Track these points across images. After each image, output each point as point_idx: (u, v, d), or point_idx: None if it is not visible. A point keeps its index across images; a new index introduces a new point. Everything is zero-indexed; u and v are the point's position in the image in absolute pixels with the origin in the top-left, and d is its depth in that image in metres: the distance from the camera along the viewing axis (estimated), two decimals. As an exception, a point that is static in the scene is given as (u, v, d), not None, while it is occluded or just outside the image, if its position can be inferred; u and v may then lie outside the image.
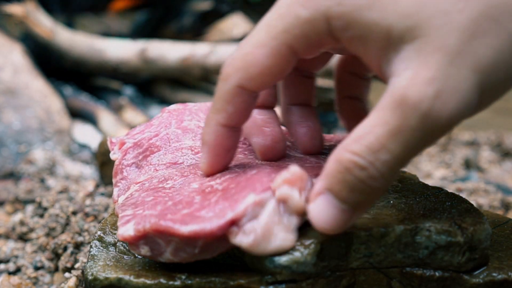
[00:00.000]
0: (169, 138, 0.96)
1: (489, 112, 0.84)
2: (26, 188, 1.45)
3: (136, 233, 0.73)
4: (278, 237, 0.72)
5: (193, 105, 1.05)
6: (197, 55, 1.84)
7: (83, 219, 1.16)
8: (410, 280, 0.77)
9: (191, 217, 0.72)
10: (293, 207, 0.73)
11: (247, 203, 0.71)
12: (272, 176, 0.77)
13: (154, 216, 0.74)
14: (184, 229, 0.70)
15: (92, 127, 1.91)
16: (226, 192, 0.76)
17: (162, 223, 0.72)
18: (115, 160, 0.95)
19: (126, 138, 0.97)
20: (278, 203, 0.72)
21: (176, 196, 0.80)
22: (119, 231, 0.75)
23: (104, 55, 1.97)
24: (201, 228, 0.69)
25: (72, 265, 1.07)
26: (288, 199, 0.72)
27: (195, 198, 0.78)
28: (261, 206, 0.72)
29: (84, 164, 1.70)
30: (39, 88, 1.84)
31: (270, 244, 0.72)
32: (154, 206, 0.78)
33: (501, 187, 1.49)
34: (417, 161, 1.83)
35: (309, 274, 0.75)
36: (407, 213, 0.81)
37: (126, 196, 0.86)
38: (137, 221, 0.74)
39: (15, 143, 1.70)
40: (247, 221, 0.70)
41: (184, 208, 0.75)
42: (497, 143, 2.01)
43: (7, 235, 1.25)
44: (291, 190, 0.73)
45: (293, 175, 0.74)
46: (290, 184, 0.73)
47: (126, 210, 0.80)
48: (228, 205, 0.72)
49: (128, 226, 0.74)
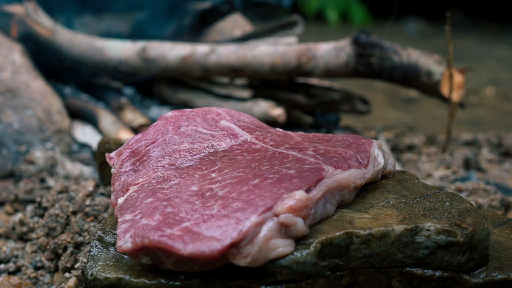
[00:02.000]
0: (167, 143, 0.96)
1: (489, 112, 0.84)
2: (26, 188, 1.45)
3: (134, 247, 0.74)
4: (278, 245, 0.73)
5: (190, 110, 1.05)
6: (197, 55, 1.84)
7: (83, 219, 1.16)
8: (410, 280, 0.77)
9: (191, 234, 0.73)
10: (296, 233, 0.74)
11: (248, 225, 0.71)
12: (274, 191, 0.78)
13: (152, 229, 0.74)
14: (183, 251, 0.71)
15: (92, 127, 1.91)
16: (227, 203, 0.77)
17: (161, 240, 0.72)
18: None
19: (123, 149, 0.98)
20: (280, 224, 0.73)
21: (175, 199, 0.80)
22: (118, 243, 0.75)
23: (104, 54, 1.96)
24: (201, 252, 0.70)
25: (72, 265, 1.07)
26: (292, 226, 0.74)
27: (195, 204, 0.78)
28: (261, 225, 0.73)
29: (84, 164, 1.70)
30: (39, 88, 1.85)
31: (270, 254, 0.73)
32: (152, 213, 0.78)
33: (501, 187, 1.49)
34: (417, 161, 1.83)
35: (309, 274, 0.76)
36: (407, 213, 0.81)
37: (125, 198, 0.87)
38: (135, 234, 0.75)
39: (15, 143, 1.70)
40: (246, 243, 0.71)
41: (183, 220, 0.75)
42: (496, 143, 2.01)
43: (7, 235, 1.25)
44: (296, 218, 0.74)
45: (297, 204, 0.74)
46: (295, 213, 0.74)
47: (124, 214, 0.80)
48: (228, 227, 0.72)
49: (126, 238, 0.75)
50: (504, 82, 3.91)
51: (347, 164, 0.88)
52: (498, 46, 5.31)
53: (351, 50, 1.71)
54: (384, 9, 2.43)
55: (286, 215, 0.73)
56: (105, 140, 1.31)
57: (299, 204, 0.74)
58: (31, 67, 1.91)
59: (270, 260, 0.73)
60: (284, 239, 0.73)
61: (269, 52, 1.79)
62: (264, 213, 0.73)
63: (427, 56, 1.75)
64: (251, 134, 0.98)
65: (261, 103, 1.79)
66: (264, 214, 0.73)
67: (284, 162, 0.88)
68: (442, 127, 2.12)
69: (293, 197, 0.75)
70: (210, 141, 0.96)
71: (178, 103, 2.02)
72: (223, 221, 0.73)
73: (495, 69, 4.31)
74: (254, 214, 0.73)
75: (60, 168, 1.62)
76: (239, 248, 0.71)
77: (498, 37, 5.83)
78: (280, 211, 0.73)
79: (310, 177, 0.82)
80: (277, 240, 0.73)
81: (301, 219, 0.74)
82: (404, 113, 3.04)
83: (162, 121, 1.01)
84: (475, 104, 3.17)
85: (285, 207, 0.73)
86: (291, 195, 0.75)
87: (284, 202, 0.74)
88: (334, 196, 0.83)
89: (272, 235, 0.72)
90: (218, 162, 0.90)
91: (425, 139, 2.07)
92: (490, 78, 3.94)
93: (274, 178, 0.81)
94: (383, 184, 0.92)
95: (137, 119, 1.89)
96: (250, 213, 0.73)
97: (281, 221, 0.73)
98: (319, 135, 1.02)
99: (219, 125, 1.00)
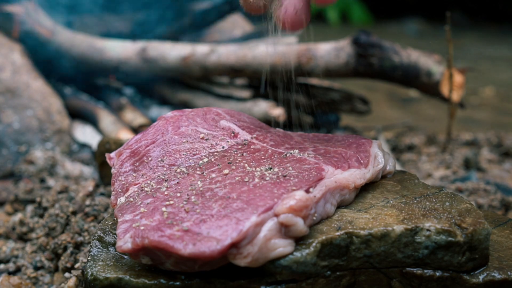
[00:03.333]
0: (167, 143, 0.96)
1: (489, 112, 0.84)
2: (26, 188, 1.45)
3: (134, 247, 0.74)
4: (279, 245, 0.73)
5: (190, 111, 1.05)
6: (197, 55, 1.84)
7: (83, 219, 1.16)
8: (410, 280, 0.77)
9: (191, 234, 0.73)
10: (296, 234, 0.74)
11: (248, 226, 0.71)
12: (274, 191, 0.78)
13: (152, 229, 0.74)
14: (183, 251, 0.71)
15: (92, 127, 1.91)
16: (227, 203, 0.77)
17: (161, 240, 0.72)
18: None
19: (123, 149, 0.98)
20: (280, 224, 0.73)
21: (175, 199, 0.80)
22: (118, 243, 0.76)
23: (104, 54, 1.96)
24: (201, 252, 0.70)
25: (72, 265, 1.07)
26: (292, 226, 0.74)
27: (195, 204, 0.78)
28: (261, 225, 0.73)
29: (84, 164, 1.70)
30: (39, 88, 1.84)
31: (270, 254, 0.73)
32: (152, 213, 0.78)
33: (501, 187, 1.49)
34: (417, 161, 1.83)
35: (309, 274, 0.75)
36: (407, 213, 0.81)
37: (125, 198, 0.86)
38: (135, 234, 0.75)
39: (15, 143, 1.70)
40: (246, 243, 0.71)
41: (183, 220, 0.75)
42: (497, 143, 2.01)
43: (7, 235, 1.24)
44: (296, 218, 0.74)
45: (297, 204, 0.74)
46: (295, 213, 0.74)
47: (124, 214, 0.80)
48: (228, 227, 0.72)
49: (126, 239, 0.75)
50: (504, 82, 3.91)
51: (347, 164, 0.88)
52: (498, 46, 5.31)
53: (351, 50, 1.71)
54: (384, 8, 2.42)
55: (286, 215, 0.73)
56: (105, 140, 1.31)
57: (299, 204, 0.74)
58: (31, 67, 1.91)
59: (270, 260, 0.73)
60: (284, 239, 0.73)
61: (269, 52, 1.79)
62: (264, 213, 0.73)
63: (427, 56, 1.75)
64: (251, 134, 0.98)
65: (261, 103, 1.79)
66: (264, 214, 0.73)
67: (284, 162, 0.88)
68: (442, 127, 2.12)
69: (293, 197, 0.75)
70: (210, 141, 0.96)
71: (178, 103, 2.02)
72: (223, 221, 0.73)
73: (495, 69, 4.31)
74: (254, 214, 0.73)
75: (60, 168, 1.62)
76: (239, 248, 0.71)
77: (498, 37, 5.83)
78: (280, 211, 0.73)
79: (310, 177, 0.82)
80: (277, 240, 0.73)
81: (301, 219, 0.74)
82: (404, 113, 3.04)
83: (162, 121, 1.01)
84: (475, 104, 3.17)
85: (285, 207, 0.73)
86: (291, 195, 0.75)
87: (284, 202, 0.74)
88: (334, 196, 0.83)
89: (272, 235, 0.72)
90: (218, 162, 0.90)
91: (425, 139, 2.07)
92: (490, 78, 3.94)
93: (275, 179, 0.81)
94: (383, 184, 0.92)
95: (137, 119, 1.89)
96: (250, 213, 0.73)
97: (281, 221, 0.73)
98: (319, 135, 1.02)
99: (219, 125, 1.00)
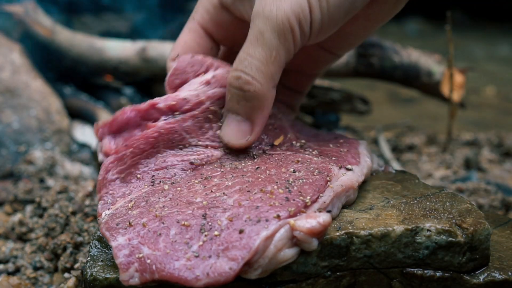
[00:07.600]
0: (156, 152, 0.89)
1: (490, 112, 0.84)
2: (25, 188, 1.45)
3: (143, 281, 0.71)
4: (288, 255, 0.72)
5: None
6: (197, 55, 1.84)
7: (83, 219, 1.16)
8: (411, 280, 0.77)
9: (201, 262, 0.69)
10: (306, 249, 0.73)
11: (258, 242, 0.69)
12: (284, 198, 0.75)
13: (160, 262, 0.70)
14: (198, 283, 0.68)
15: (91, 127, 1.90)
16: (235, 215, 0.74)
17: (173, 274, 0.69)
18: (99, 175, 0.88)
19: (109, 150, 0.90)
20: (292, 235, 0.72)
21: (178, 217, 0.76)
22: (122, 276, 0.72)
23: (104, 54, 1.96)
24: (215, 281, 0.68)
25: (71, 265, 1.06)
26: (305, 244, 0.72)
27: (201, 220, 0.74)
28: (272, 237, 0.71)
29: (83, 164, 1.70)
30: (39, 88, 1.84)
31: (279, 265, 0.72)
32: (154, 239, 0.73)
33: (502, 187, 1.49)
34: (417, 161, 1.83)
35: (309, 275, 0.75)
36: (407, 213, 0.81)
37: (113, 212, 0.81)
38: (142, 268, 0.71)
39: (14, 143, 1.69)
40: (257, 258, 0.70)
41: (191, 243, 0.71)
42: (497, 143, 2.01)
43: (6, 235, 1.24)
44: (312, 239, 0.73)
45: (319, 229, 0.73)
46: (315, 235, 0.73)
47: (117, 237, 0.75)
48: (239, 245, 0.70)
49: (131, 273, 0.71)
50: (505, 82, 3.91)
51: (347, 161, 0.88)
52: (499, 46, 5.31)
53: (352, 50, 1.71)
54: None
55: (303, 235, 0.72)
56: (105, 140, 1.31)
57: (321, 230, 0.73)
58: (30, 67, 1.91)
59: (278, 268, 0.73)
60: (293, 248, 0.72)
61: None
62: (275, 225, 0.72)
63: (428, 56, 1.75)
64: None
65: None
66: (274, 226, 0.71)
67: (290, 164, 0.87)
68: (442, 127, 2.12)
69: (317, 219, 0.73)
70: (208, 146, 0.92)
71: (178, 103, 2.01)
72: (232, 237, 0.71)
73: (496, 68, 4.31)
74: (264, 228, 0.71)
75: (59, 168, 1.62)
76: (251, 265, 0.70)
77: (499, 36, 5.83)
78: (299, 228, 0.72)
79: (319, 181, 0.81)
80: (287, 250, 0.72)
81: (316, 240, 0.73)
82: (404, 113, 3.04)
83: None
84: (476, 104, 3.17)
85: (307, 227, 0.72)
86: (316, 215, 0.73)
87: (307, 220, 0.72)
88: (341, 199, 0.82)
89: (282, 245, 0.71)
90: (220, 168, 0.87)
91: (426, 139, 2.07)
92: (490, 78, 3.94)
93: (283, 184, 0.80)
94: (383, 184, 0.92)
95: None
96: (260, 227, 0.71)
97: (297, 236, 0.72)
98: (305, 129, 1.02)
99: None
